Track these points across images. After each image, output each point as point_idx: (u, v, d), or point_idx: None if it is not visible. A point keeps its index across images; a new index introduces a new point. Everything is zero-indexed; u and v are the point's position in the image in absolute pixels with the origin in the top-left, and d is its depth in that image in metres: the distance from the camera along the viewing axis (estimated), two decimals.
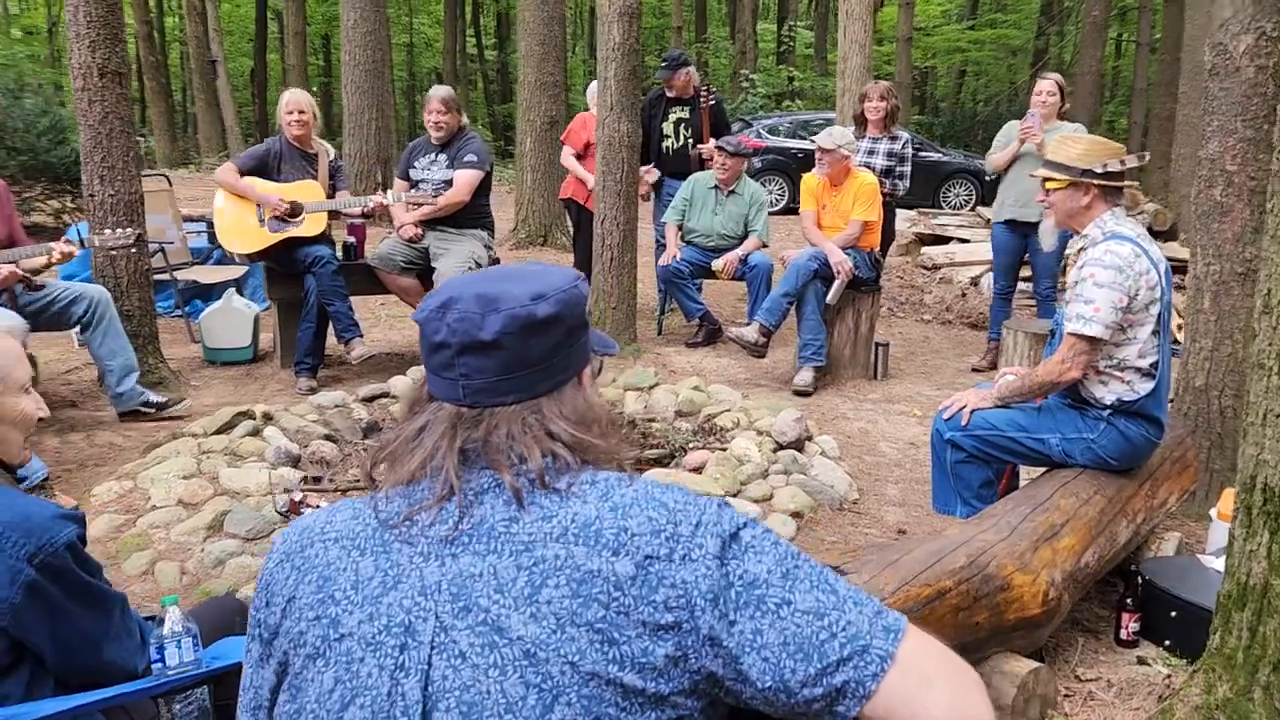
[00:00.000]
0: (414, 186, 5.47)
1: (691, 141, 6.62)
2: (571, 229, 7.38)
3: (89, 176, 4.72)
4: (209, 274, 6.54)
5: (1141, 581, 2.84)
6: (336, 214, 5.26)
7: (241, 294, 6.13)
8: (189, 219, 6.81)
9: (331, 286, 5.06)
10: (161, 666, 1.61)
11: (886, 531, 3.66)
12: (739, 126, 13.82)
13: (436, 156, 5.45)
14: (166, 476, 3.67)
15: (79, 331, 4.37)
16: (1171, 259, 6.86)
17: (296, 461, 3.93)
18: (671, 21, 21.08)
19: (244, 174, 5.13)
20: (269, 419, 4.26)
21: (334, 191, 5.27)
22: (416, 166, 5.50)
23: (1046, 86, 5.45)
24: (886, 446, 4.58)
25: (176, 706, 1.63)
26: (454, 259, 5.18)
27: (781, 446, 4.15)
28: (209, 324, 5.60)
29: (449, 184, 5.34)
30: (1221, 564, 2.41)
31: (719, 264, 5.93)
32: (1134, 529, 2.98)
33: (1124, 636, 2.83)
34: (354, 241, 5.70)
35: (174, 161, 17.86)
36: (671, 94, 6.60)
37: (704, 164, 6.38)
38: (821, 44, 23.26)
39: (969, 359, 6.23)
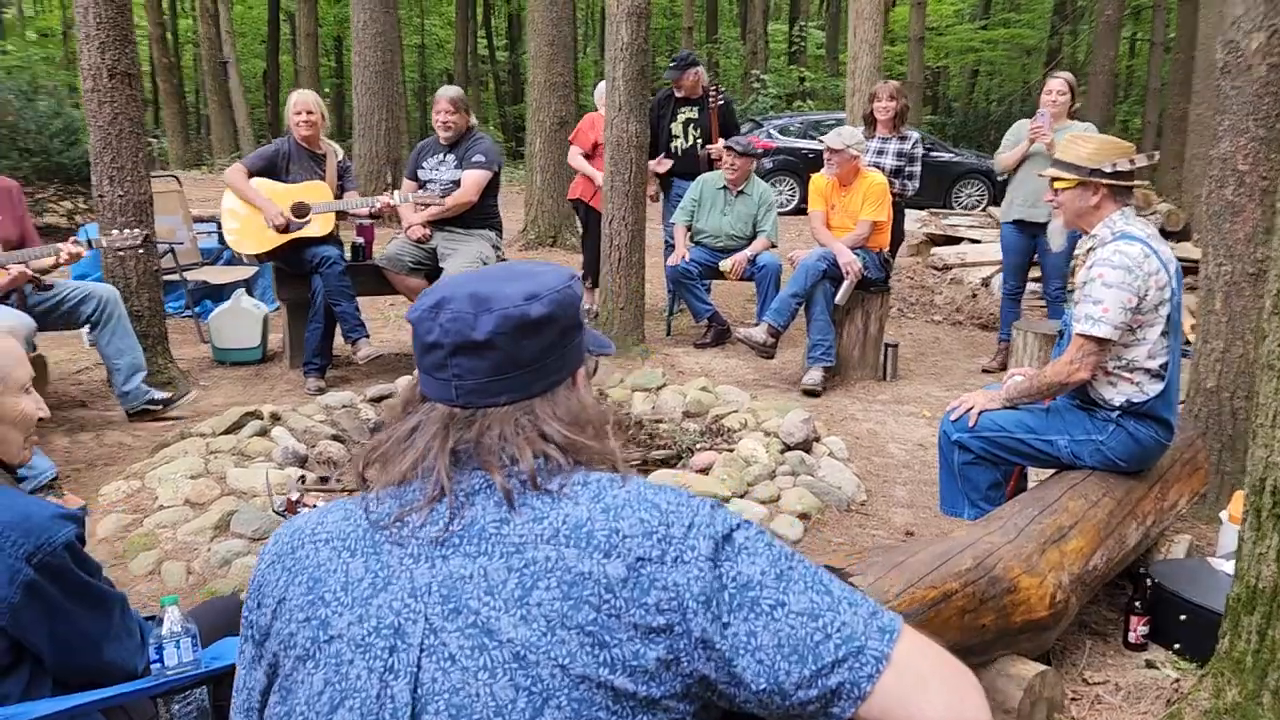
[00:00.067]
0: (422, 187, 5.47)
1: (700, 142, 6.61)
2: (580, 229, 7.38)
3: (98, 177, 4.74)
4: (219, 274, 6.56)
5: (1150, 584, 2.82)
6: (344, 215, 5.27)
7: (251, 294, 6.14)
8: (199, 219, 6.83)
9: (338, 287, 5.06)
10: (160, 667, 1.61)
11: (894, 533, 3.64)
12: (749, 127, 13.80)
13: (445, 157, 5.45)
14: (174, 476, 3.68)
15: (88, 330, 4.39)
16: (1185, 259, 6.85)
17: (304, 462, 3.93)
18: (682, 22, 21.03)
19: (253, 174, 5.14)
20: (277, 419, 4.27)
21: (342, 192, 5.27)
22: (425, 167, 5.51)
23: (1056, 86, 5.41)
24: (895, 448, 4.55)
25: (175, 707, 1.63)
26: (462, 259, 5.18)
27: (789, 447, 4.13)
28: (218, 324, 5.62)
29: (457, 184, 5.34)
30: (1232, 567, 2.39)
31: (727, 264, 5.91)
32: (1143, 531, 2.95)
33: (1132, 640, 2.80)
34: (363, 242, 5.70)
35: (187, 163, 17.96)
36: (680, 94, 6.58)
37: (713, 164, 6.37)
38: (833, 44, 23.17)
39: (979, 360, 6.20)
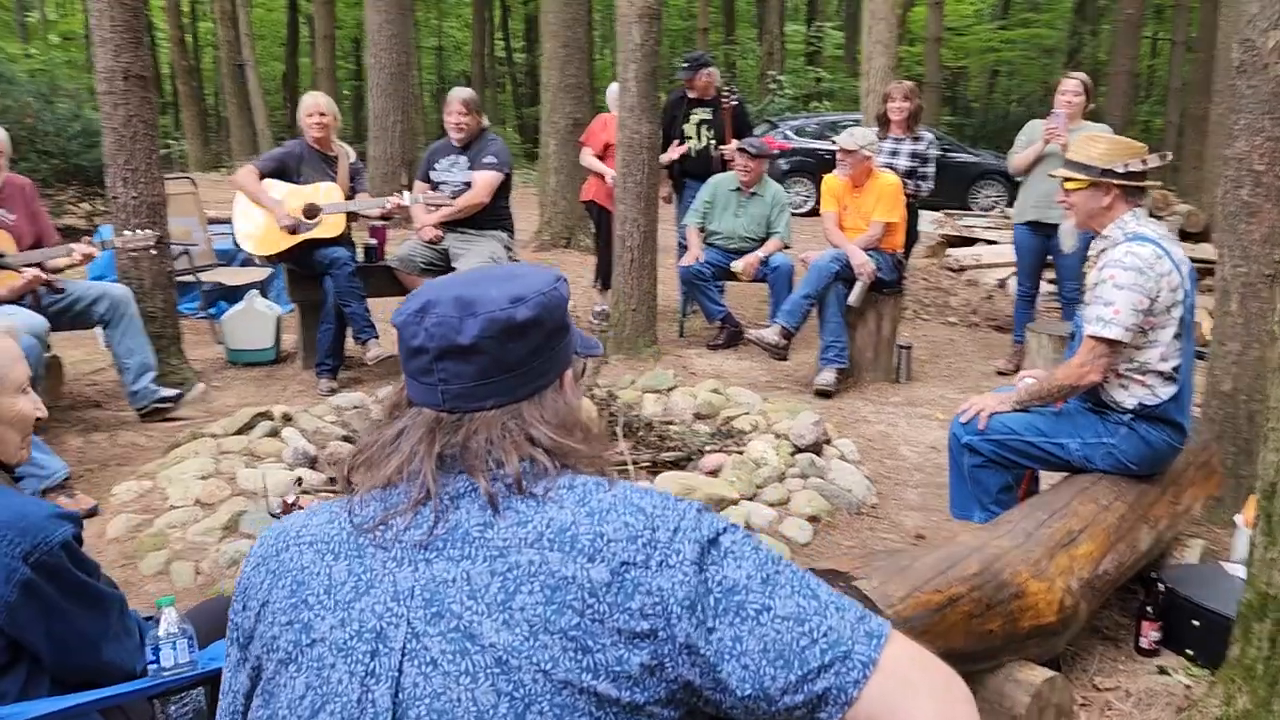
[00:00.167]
0: (435, 188, 5.47)
1: (714, 143, 6.59)
2: (594, 231, 7.37)
3: (112, 179, 4.78)
4: (234, 276, 6.59)
5: (1162, 589, 2.78)
6: (356, 216, 5.28)
7: (266, 296, 6.17)
8: (215, 221, 6.86)
9: (348, 288, 5.07)
10: (157, 668, 1.61)
11: (905, 536, 3.61)
12: (764, 127, 13.76)
13: (457, 158, 5.46)
14: (185, 476, 3.70)
15: (102, 330, 4.42)
16: (1204, 260, 6.78)
17: (313, 463, 3.94)
18: (698, 24, 21.03)
19: (264, 176, 5.16)
20: (288, 420, 4.29)
21: (354, 193, 5.29)
22: (437, 168, 5.51)
23: (1071, 86, 5.35)
24: (907, 450, 4.52)
25: (172, 708, 1.63)
26: (473, 260, 5.18)
27: (799, 450, 4.10)
28: (231, 325, 5.65)
29: (469, 186, 5.35)
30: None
31: (739, 265, 5.89)
32: (1156, 535, 2.91)
33: (1144, 645, 2.77)
34: (375, 243, 5.72)
35: (206, 165, 18.08)
36: (693, 95, 6.57)
37: (726, 165, 6.35)
38: (851, 45, 23.08)
39: (994, 362, 6.15)
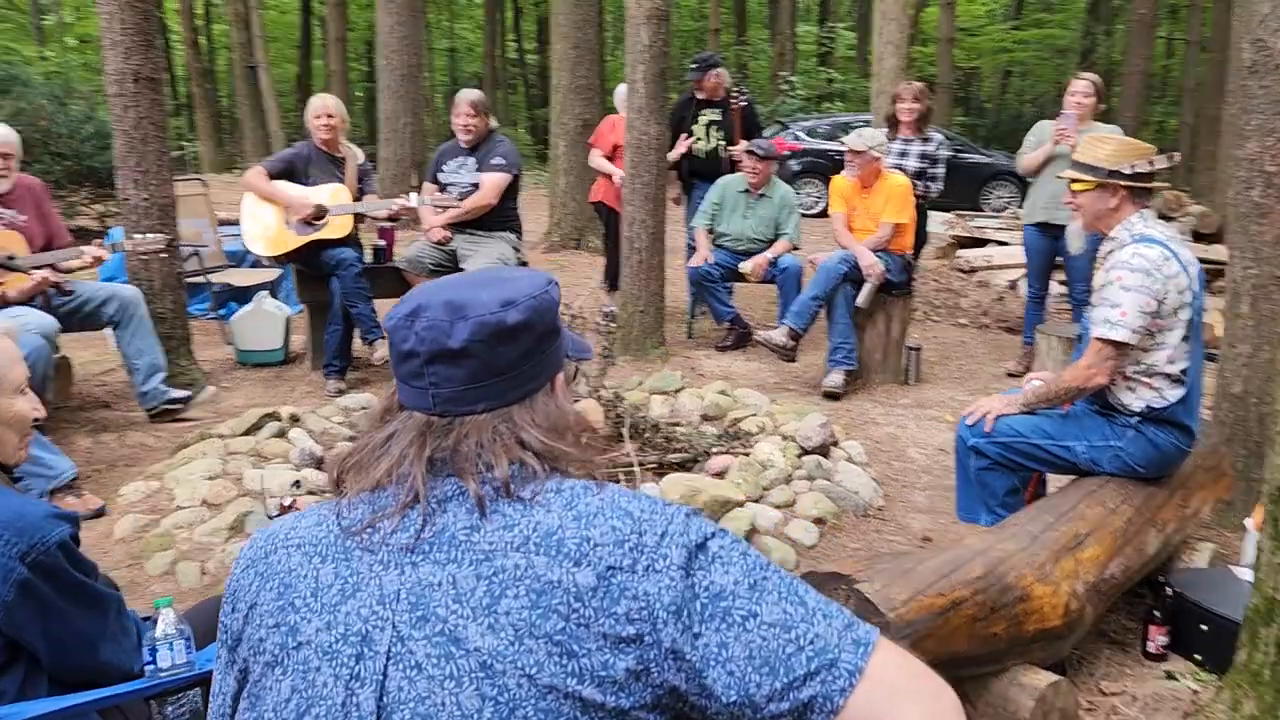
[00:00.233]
0: (443, 190, 5.48)
1: (723, 144, 6.58)
2: (603, 232, 7.38)
3: (122, 181, 4.80)
4: (244, 277, 6.62)
5: (1170, 593, 2.76)
6: (363, 217, 5.29)
7: (275, 297, 6.18)
8: (225, 223, 6.88)
9: (354, 288, 5.07)
10: (154, 668, 1.61)
11: (911, 539, 3.59)
12: (775, 128, 13.73)
13: (465, 160, 5.46)
14: (192, 477, 3.71)
15: (112, 331, 4.44)
16: (1217, 262, 6.72)
17: (319, 463, 3.95)
18: (710, 25, 21.03)
19: (272, 177, 5.18)
20: (295, 420, 4.30)
21: (362, 195, 5.30)
22: (445, 170, 5.52)
23: (1081, 87, 5.31)
24: (915, 452, 4.50)
25: (169, 709, 1.63)
26: (481, 261, 5.18)
27: (806, 451, 4.09)
28: (240, 326, 5.67)
29: (477, 187, 5.35)
30: None
31: (747, 266, 5.88)
32: (1164, 539, 2.89)
33: (1151, 650, 2.74)
34: (384, 244, 5.73)
35: (218, 166, 18.17)
36: (702, 96, 6.56)
37: (735, 166, 6.34)
38: (863, 45, 23.07)
39: (1005, 364, 6.12)
